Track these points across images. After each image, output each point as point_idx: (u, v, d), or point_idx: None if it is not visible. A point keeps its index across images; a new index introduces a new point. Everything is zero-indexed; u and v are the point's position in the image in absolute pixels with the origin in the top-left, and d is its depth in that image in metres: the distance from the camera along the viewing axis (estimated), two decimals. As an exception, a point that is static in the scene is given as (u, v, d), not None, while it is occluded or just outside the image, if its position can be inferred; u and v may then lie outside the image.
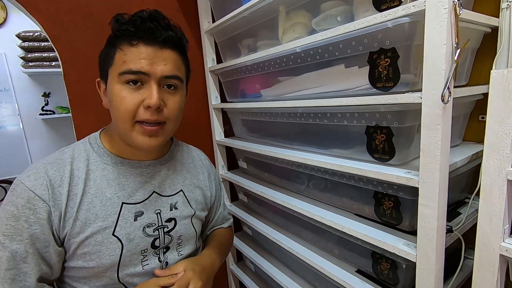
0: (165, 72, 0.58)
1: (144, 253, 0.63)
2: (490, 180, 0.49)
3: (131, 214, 0.62)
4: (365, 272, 0.78)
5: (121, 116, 0.57)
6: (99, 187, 0.60)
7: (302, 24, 0.81)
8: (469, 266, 0.76)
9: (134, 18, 0.57)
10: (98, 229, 0.58)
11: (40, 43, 2.07)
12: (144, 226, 0.64)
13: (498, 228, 0.49)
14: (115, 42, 0.58)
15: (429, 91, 0.51)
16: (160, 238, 0.66)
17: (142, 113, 0.57)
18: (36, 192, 0.54)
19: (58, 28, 1.01)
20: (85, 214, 0.58)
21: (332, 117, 0.76)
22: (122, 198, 0.62)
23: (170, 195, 0.69)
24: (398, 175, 0.59)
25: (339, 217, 0.78)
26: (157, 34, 0.57)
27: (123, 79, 0.56)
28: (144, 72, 0.56)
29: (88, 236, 0.57)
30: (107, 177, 0.62)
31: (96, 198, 0.59)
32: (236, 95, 1.17)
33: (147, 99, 0.56)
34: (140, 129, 0.58)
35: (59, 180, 0.57)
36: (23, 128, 2.18)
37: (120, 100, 0.57)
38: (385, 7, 0.59)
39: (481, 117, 0.79)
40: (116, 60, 0.58)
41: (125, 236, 0.61)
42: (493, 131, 0.48)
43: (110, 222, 0.60)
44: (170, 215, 0.68)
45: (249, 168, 1.24)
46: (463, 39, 0.52)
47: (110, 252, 0.59)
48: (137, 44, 0.57)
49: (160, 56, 0.58)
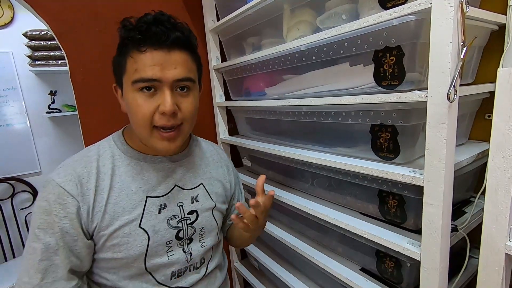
0: (176, 76, 0.59)
1: (169, 244, 0.66)
2: (496, 179, 0.49)
3: (155, 207, 0.65)
4: (369, 270, 0.78)
5: (140, 123, 0.59)
6: (125, 182, 0.63)
7: (307, 22, 0.81)
8: (474, 265, 0.76)
9: (139, 24, 0.58)
10: (125, 221, 0.61)
11: (47, 41, 2.08)
12: (168, 218, 0.66)
13: (504, 227, 0.49)
14: (125, 50, 0.59)
15: (434, 90, 0.50)
16: (184, 230, 0.68)
17: (158, 119, 0.59)
18: (66, 188, 0.57)
19: (65, 27, 1.02)
20: (113, 207, 0.61)
21: (336, 116, 0.76)
22: (146, 192, 0.65)
23: (191, 188, 0.72)
24: (403, 174, 0.59)
25: (344, 215, 0.78)
26: (164, 37, 0.57)
27: (136, 87, 0.58)
28: (155, 79, 0.57)
29: (116, 229, 0.60)
30: (131, 172, 0.64)
31: (122, 192, 0.62)
32: (241, 94, 1.17)
33: (162, 106, 0.58)
34: (158, 135, 0.60)
35: (87, 176, 0.60)
36: (30, 126, 2.21)
37: (136, 108, 0.58)
38: (391, 5, 0.59)
39: (488, 116, 0.78)
40: (128, 68, 0.59)
41: (151, 228, 0.63)
42: (499, 130, 0.48)
43: (136, 214, 0.62)
44: (191, 207, 0.70)
45: (253, 166, 1.24)
46: (470, 36, 0.51)
47: (137, 243, 0.62)
48: (145, 51, 0.57)
49: (169, 60, 0.58)
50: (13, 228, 2.14)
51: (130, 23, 0.59)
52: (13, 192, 2.13)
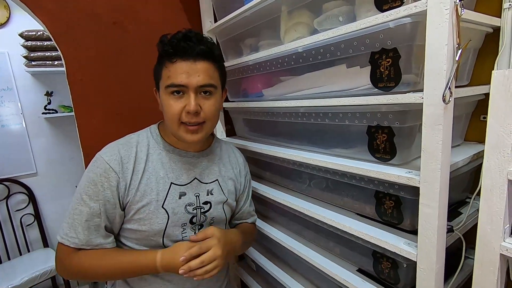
0: (200, 82, 0.70)
1: (184, 226, 0.77)
2: (491, 180, 0.50)
3: (176, 193, 0.76)
4: (366, 271, 0.78)
5: (170, 119, 0.72)
6: (155, 168, 0.75)
7: (304, 24, 0.81)
8: (469, 265, 0.76)
9: (171, 40, 0.70)
10: (151, 200, 0.72)
11: (43, 42, 2.07)
12: (186, 204, 0.77)
13: (499, 227, 0.49)
14: (161, 61, 0.72)
15: (430, 91, 0.51)
16: (197, 216, 0.79)
17: (185, 116, 0.71)
18: (111, 165, 0.70)
19: (62, 27, 1.01)
20: (144, 187, 0.72)
21: (333, 117, 0.77)
22: (171, 179, 0.76)
23: (208, 183, 0.82)
24: (399, 175, 0.59)
25: (340, 216, 0.78)
26: (190, 51, 0.69)
27: (168, 90, 0.71)
28: (183, 85, 0.69)
29: (144, 205, 0.72)
30: (161, 160, 0.76)
31: (152, 175, 0.74)
32: (238, 95, 1.17)
33: (187, 106, 0.70)
34: (184, 128, 0.72)
35: (127, 158, 0.72)
36: (26, 127, 2.19)
37: (168, 107, 0.71)
38: (387, 8, 0.60)
39: (483, 117, 0.79)
40: (163, 75, 0.72)
41: (171, 209, 0.74)
42: (494, 131, 0.48)
43: (161, 196, 0.74)
44: (206, 198, 0.81)
45: (250, 167, 1.24)
46: (465, 39, 0.52)
47: (159, 220, 0.73)
48: (175, 61, 0.69)
49: (194, 68, 0.70)
50: (8, 230, 2.11)
51: (165, 39, 0.72)
52: (8, 193, 2.11)
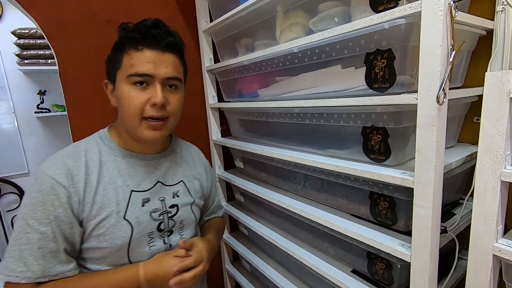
0: (167, 74, 0.66)
1: (151, 235, 0.71)
2: (484, 181, 0.50)
3: (139, 200, 0.70)
4: (360, 272, 0.78)
5: (131, 113, 0.65)
6: (112, 176, 0.68)
7: (300, 24, 0.81)
8: (463, 266, 0.77)
9: (139, 26, 0.65)
10: (111, 212, 0.66)
11: (36, 40, 2.05)
12: (151, 211, 0.71)
13: (492, 228, 0.50)
14: (122, 48, 0.66)
15: (424, 93, 0.51)
16: (165, 222, 0.74)
17: (149, 110, 0.65)
18: (58, 180, 0.62)
19: (55, 26, 1.00)
20: (101, 199, 0.65)
21: (328, 118, 0.77)
22: (131, 186, 0.70)
23: (172, 185, 0.78)
24: (394, 176, 0.59)
25: (335, 217, 0.78)
26: (159, 39, 0.65)
27: (131, 80, 0.64)
28: (149, 75, 0.64)
29: (103, 219, 0.65)
30: (118, 167, 0.70)
31: (109, 185, 0.67)
32: (233, 95, 1.17)
33: (153, 98, 0.65)
34: (146, 125, 0.66)
35: (76, 169, 0.65)
36: (18, 126, 2.16)
37: (129, 99, 0.64)
38: (382, 9, 0.60)
39: (476, 119, 0.79)
40: (124, 64, 0.65)
41: (134, 219, 0.68)
42: (487, 132, 0.49)
43: (121, 207, 0.67)
44: (172, 202, 0.76)
45: (245, 168, 1.24)
46: (459, 41, 0.52)
47: (121, 233, 0.66)
48: (142, 49, 0.64)
49: (163, 59, 0.66)
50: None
51: (128, 26, 0.67)
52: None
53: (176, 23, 1.24)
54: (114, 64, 0.67)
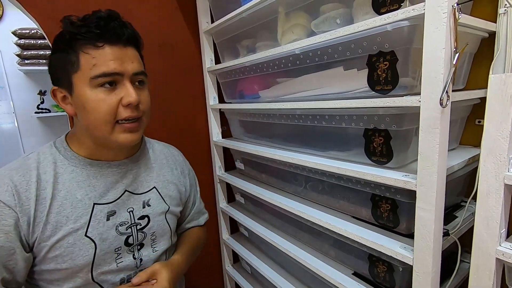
0: (135, 69, 0.60)
1: (118, 251, 0.65)
2: (487, 184, 0.50)
3: (103, 214, 0.63)
4: (361, 274, 0.78)
5: (102, 119, 0.57)
6: (69, 190, 0.60)
7: (301, 25, 0.81)
8: (464, 269, 0.76)
9: (93, 19, 0.57)
10: (69, 231, 0.58)
11: (37, 40, 2.05)
12: (117, 225, 0.65)
13: (495, 232, 0.49)
14: (74, 46, 0.56)
15: (427, 95, 0.51)
16: (133, 236, 0.67)
17: (123, 111, 0.58)
18: (1, 199, 0.54)
19: (56, 25, 0.99)
20: (56, 217, 0.58)
21: (330, 119, 0.76)
22: (94, 199, 0.62)
23: (143, 193, 0.71)
24: (396, 178, 0.59)
25: (336, 219, 0.78)
26: (120, 33, 0.58)
27: (96, 82, 0.56)
28: (117, 73, 0.57)
29: (59, 239, 0.58)
30: (76, 179, 0.62)
31: (66, 200, 0.59)
32: (234, 96, 1.16)
33: (126, 97, 0.58)
34: (120, 128, 0.60)
35: (25, 185, 0.56)
36: (18, 126, 2.16)
37: (97, 104, 0.57)
38: (385, 11, 0.59)
39: (478, 121, 0.79)
40: (83, 64, 0.56)
41: (98, 236, 0.61)
42: (491, 135, 0.48)
43: (82, 223, 0.60)
44: (142, 212, 0.69)
45: (246, 169, 1.23)
46: (461, 43, 0.52)
47: (83, 253, 0.59)
48: (103, 46, 0.56)
49: (127, 54, 0.59)
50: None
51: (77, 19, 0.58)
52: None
53: (177, 23, 1.24)
54: (65, 66, 0.57)
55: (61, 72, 0.59)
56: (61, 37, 0.58)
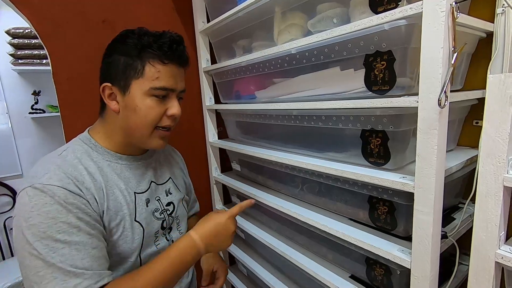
0: (183, 87, 0.70)
1: (157, 234, 0.73)
2: (486, 186, 0.49)
3: (143, 201, 0.71)
4: (358, 277, 0.77)
5: (146, 123, 0.65)
6: (113, 180, 0.67)
7: (298, 25, 0.80)
8: (463, 271, 0.76)
9: (168, 40, 0.64)
10: (124, 216, 0.65)
11: (31, 40, 2.02)
12: (153, 211, 0.73)
13: (494, 235, 0.48)
14: (141, 56, 0.63)
15: (425, 95, 0.50)
16: (166, 220, 0.76)
17: (165, 120, 0.67)
18: (69, 189, 0.56)
19: (48, 25, 0.98)
20: (113, 203, 0.64)
21: (327, 120, 0.75)
22: (133, 188, 0.70)
23: (163, 183, 0.80)
24: (394, 180, 0.58)
25: (333, 221, 0.77)
26: (183, 57, 0.68)
27: (154, 92, 0.64)
28: (172, 89, 0.66)
29: (118, 223, 0.64)
30: (115, 171, 0.68)
31: (115, 189, 0.66)
32: (230, 97, 1.15)
33: (171, 110, 0.67)
34: (158, 134, 0.68)
35: (80, 177, 0.60)
36: (12, 126, 2.13)
37: (148, 110, 0.64)
38: (382, 10, 0.59)
39: (476, 122, 0.79)
40: (147, 74, 0.63)
41: (144, 220, 0.69)
42: (490, 137, 0.47)
43: (131, 209, 0.67)
44: (168, 199, 0.78)
45: (242, 170, 1.22)
46: (459, 43, 0.51)
47: (135, 236, 0.67)
48: (167, 64, 0.64)
49: (180, 74, 0.69)
50: (-9, 234, 2.05)
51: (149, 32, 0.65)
52: (-8, 195, 2.04)
53: (173, 23, 1.22)
54: (127, 70, 0.63)
55: (120, 73, 0.64)
56: (128, 43, 0.64)
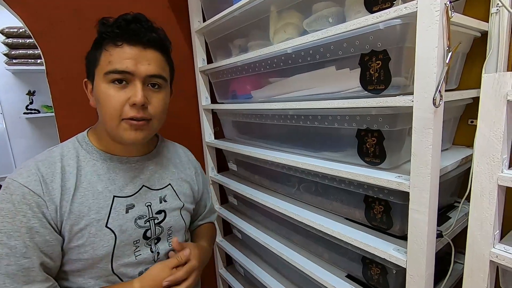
0: (149, 71, 0.62)
1: (137, 243, 0.67)
2: (480, 185, 0.49)
3: (122, 206, 0.66)
4: (355, 277, 0.77)
5: (108, 113, 0.60)
6: (90, 182, 0.63)
7: (294, 24, 0.80)
8: (458, 270, 0.76)
9: (118, 20, 0.61)
10: (91, 221, 0.61)
11: (25, 39, 2.00)
12: (136, 218, 0.67)
13: (489, 234, 0.49)
14: (101, 44, 0.62)
15: (420, 95, 0.50)
16: (151, 229, 0.69)
17: (128, 110, 0.60)
18: (30, 188, 0.56)
19: (42, 25, 0.97)
20: (79, 207, 0.60)
21: (323, 120, 0.75)
22: (113, 191, 0.65)
23: (159, 189, 0.73)
24: (389, 179, 0.58)
25: (329, 221, 0.77)
26: (141, 35, 0.61)
27: (109, 78, 0.60)
28: (128, 72, 0.60)
29: (82, 228, 0.60)
30: (97, 172, 0.65)
31: (88, 191, 0.62)
32: (227, 96, 1.15)
33: (132, 97, 0.60)
34: (126, 125, 0.61)
35: (51, 175, 0.59)
36: (6, 127, 2.11)
37: (107, 98, 0.60)
38: (377, 9, 0.59)
39: (470, 121, 0.79)
40: (102, 60, 0.61)
41: (117, 227, 0.64)
42: (484, 136, 0.48)
43: (103, 214, 0.63)
44: (160, 207, 0.72)
45: (239, 170, 1.22)
46: (454, 42, 0.51)
47: (103, 243, 0.62)
48: (121, 45, 0.60)
49: (144, 56, 0.61)
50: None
51: (108, 21, 0.63)
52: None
53: (168, 23, 1.21)
54: (91, 62, 0.63)
55: (89, 66, 0.64)
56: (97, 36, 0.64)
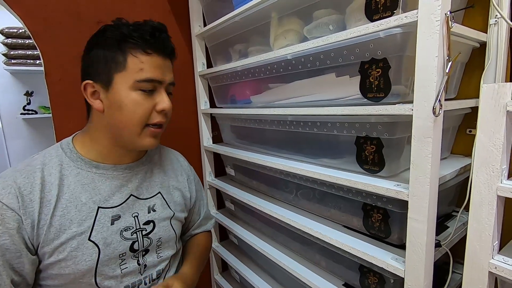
0: (171, 79, 0.65)
1: (123, 256, 0.63)
2: (479, 195, 0.49)
3: (107, 218, 0.62)
4: (352, 286, 0.76)
5: (135, 120, 0.60)
6: (74, 192, 0.60)
7: (294, 31, 0.80)
8: (456, 280, 0.75)
9: (149, 28, 0.60)
10: (73, 234, 0.58)
11: (24, 40, 2.00)
12: (122, 230, 0.64)
13: (488, 244, 0.48)
14: (122, 47, 0.59)
15: (420, 103, 0.50)
16: (139, 241, 0.66)
17: (155, 116, 0.62)
18: (4, 202, 0.53)
19: (42, 25, 0.97)
20: (60, 220, 0.57)
21: (322, 126, 0.75)
22: (98, 202, 0.62)
23: (148, 198, 0.70)
24: (388, 188, 0.58)
25: (327, 228, 0.76)
26: (167, 46, 0.64)
27: (140, 86, 0.59)
28: (159, 81, 0.62)
29: (63, 242, 0.57)
30: (81, 182, 0.61)
31: (70, 203, 0.59)
32: (226, 101, 1.15)
33: (161, 104, 0.62)
34: (149, 132, 0.62)
35: (29, 187, 0.56)
36: (3, 127, 2.09)
37: (135, 105, 0.59)
38: (378, 17, 0.59)
39: (469, 131, 0.79)
40: (130, 66, 0.59)
41: (101, 240, 0.61)
42: (483, 146, 0.48)
43: (85, 227, 0.59)
44: (148, 217, 0.69)
45: (237, 175, 1.21)
46: (454, 52, 0.51)
47: (86, 257, 0.59)
48: (151, 54, 0.60)
49: (166, 65, 0.64)
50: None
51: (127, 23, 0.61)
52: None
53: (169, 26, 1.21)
54: (109, 64, 0.59)
55: (101, 68, 0.60)
56: (107, 36, 0.60)
